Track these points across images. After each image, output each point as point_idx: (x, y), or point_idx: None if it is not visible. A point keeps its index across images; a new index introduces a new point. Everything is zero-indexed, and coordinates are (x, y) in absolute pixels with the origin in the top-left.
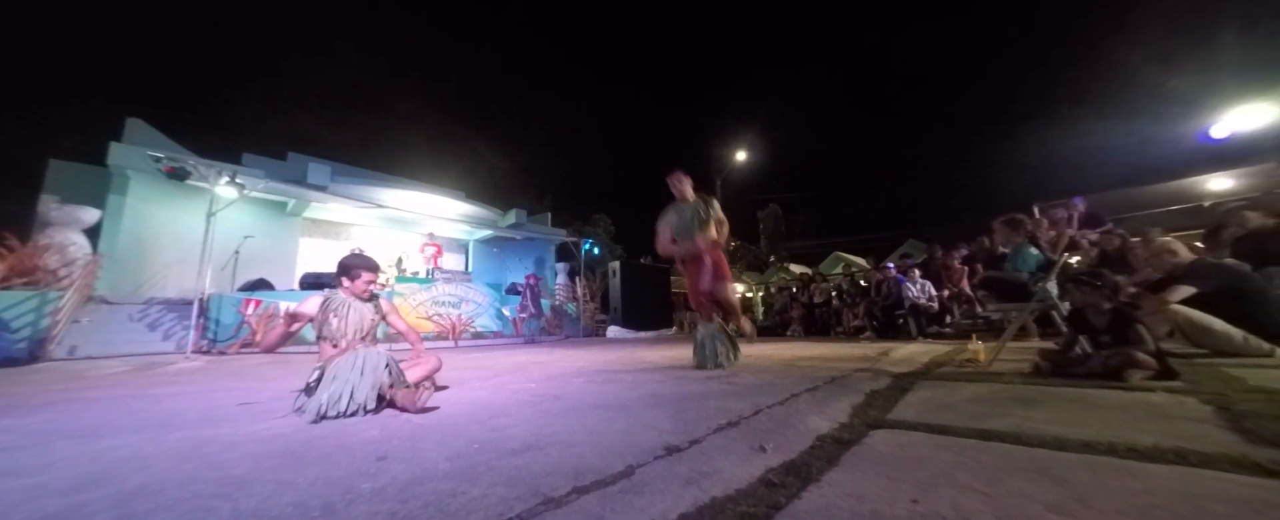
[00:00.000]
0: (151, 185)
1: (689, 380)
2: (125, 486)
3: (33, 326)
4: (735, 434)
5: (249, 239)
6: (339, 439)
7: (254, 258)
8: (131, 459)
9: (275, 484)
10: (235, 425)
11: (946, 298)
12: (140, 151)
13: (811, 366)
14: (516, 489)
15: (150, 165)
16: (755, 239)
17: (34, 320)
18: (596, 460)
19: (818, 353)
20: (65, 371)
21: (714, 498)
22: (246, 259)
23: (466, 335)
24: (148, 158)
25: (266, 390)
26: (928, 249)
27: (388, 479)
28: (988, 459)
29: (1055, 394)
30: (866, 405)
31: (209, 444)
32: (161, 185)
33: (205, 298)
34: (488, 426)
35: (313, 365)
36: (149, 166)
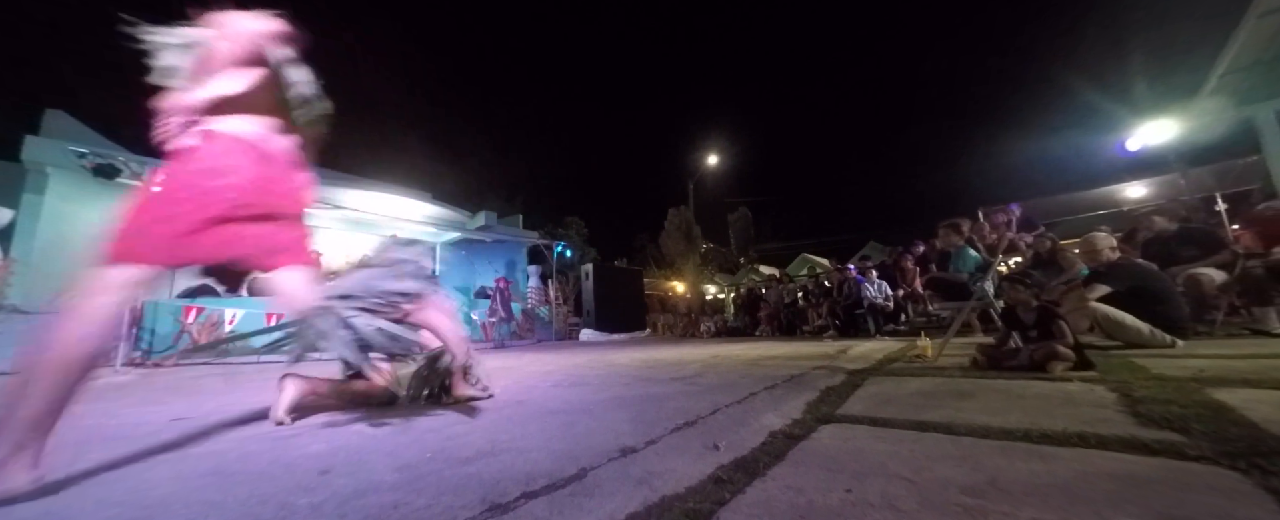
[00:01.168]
0: (74, 184)
1: (655, 382)
2: (28, 514)
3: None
4: (691, 433)
5: None
6: (279, 454)
7: None
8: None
9: (201, 505)
10: (158, 442)
11: (901, 297)
12: (61, 146)
13: (774, 365)
14: (463, 497)
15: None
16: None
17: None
18: (549, 464)
19: (782, 352)
20: None
21: (663, 496)
22: None
23: None
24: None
25: (207, 404)
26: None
27: (328, 493)
28: (920, 449)
29: (988, 386)
30: (820, 401)
31: (132, 463)
32: (87, 184)
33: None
34: (443, 435)
35: None
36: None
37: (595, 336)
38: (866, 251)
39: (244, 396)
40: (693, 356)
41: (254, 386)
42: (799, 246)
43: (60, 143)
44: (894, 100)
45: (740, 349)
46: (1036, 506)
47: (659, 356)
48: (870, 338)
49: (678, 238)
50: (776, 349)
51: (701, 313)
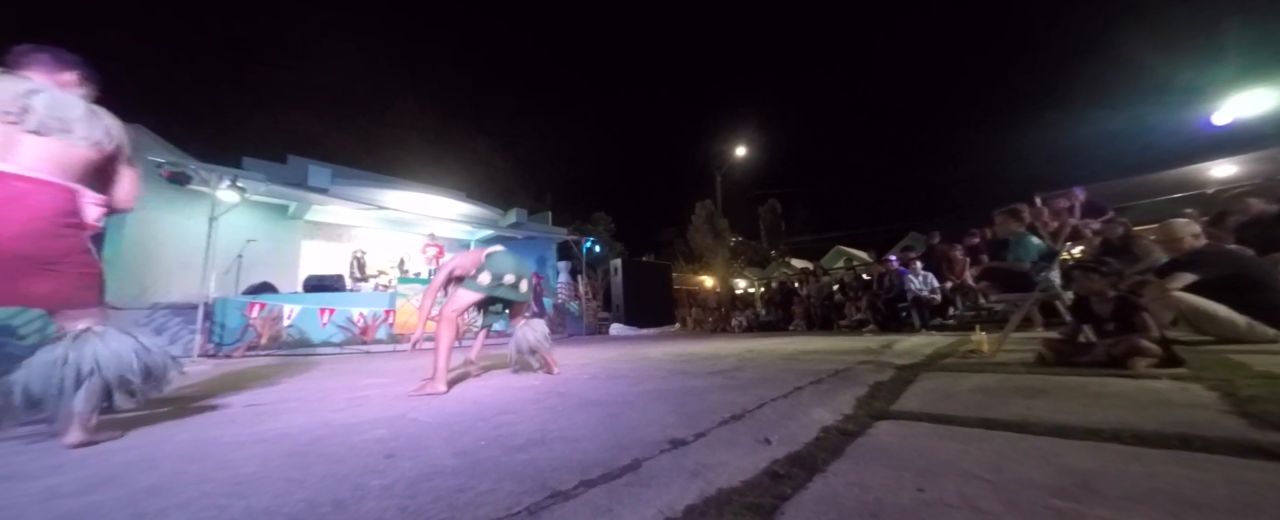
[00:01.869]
0: (153, 191)
1: (692, 376)
2: (135, 486)
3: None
4: (739, 427)
5: (251, 243)
6: (345, 439)
7: (257, 261)
8: (140, 460)
9: (285, 482)
10: (241, 426)
11: (949, 289)
12: (142, 157)
13: (815, 360)
14: (524, 483)
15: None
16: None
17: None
18: (602, 454)
19: (821, 346)
20: None
21: (719, 489)
22: (249, 262)
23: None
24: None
25: (273, 392)
26: (927, 240)
27: (396, 475)
28: (992, 448)
29: (1059, 383)
30: (870, 397)
31: (216, 444)
32: (163, 190)
33: (210, 302)
34: (493, 424)
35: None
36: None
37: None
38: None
39: (305, 385)
40: (727, 351)
41: (311, 376)
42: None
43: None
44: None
45: (775, 343)
46: (1142, 514)
47: (692, 351)
48: (915, 332)
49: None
50: (814, 344)
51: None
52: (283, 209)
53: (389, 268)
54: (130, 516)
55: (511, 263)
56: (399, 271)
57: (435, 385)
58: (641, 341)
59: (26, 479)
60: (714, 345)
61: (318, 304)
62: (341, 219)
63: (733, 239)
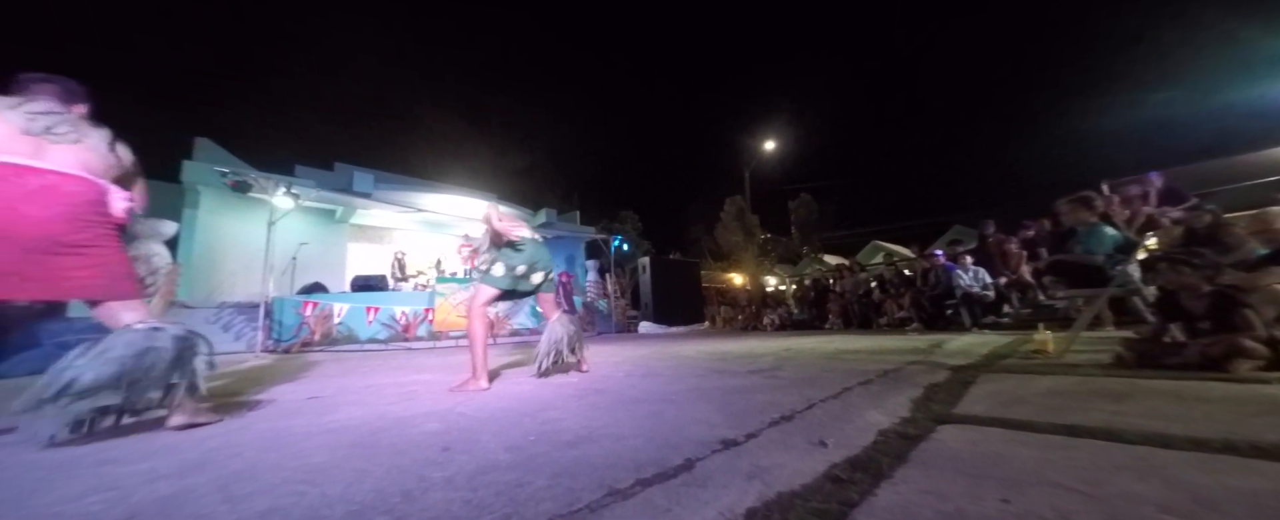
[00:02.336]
0: (218, 198)
1: (731, 374)
2: (223, 472)
3: None
4: (790, 428)
5: (304, 245)
6: (402, 432)
7: (309, 263)
8: (223, 447)
9: (353, 472)
10: (307, 418)
11: (1003, 285)
12: (209, 168)
13: (858, 360)
14: (579, 480)
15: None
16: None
17: None
18: (652, 453)
19: (862, 346)
20: None
21: (779, 493)
22: (302, 264)
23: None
24: (215, 173)
25: (330, 385)
26: (979, 232)
27: (455, 468)
28: (1079, 457)
29: (1147, 387)
30: (927, 399)
31: (288, 434)
32: (227, 198)
33: (269, 301)
34: (539, 419)
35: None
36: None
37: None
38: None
39: (357, 380)
40: (762, 350)
41: (361, 371)
42: (868, 234)
43: (208, 165)
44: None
45: (813, 342)
46: None
47: (726, 349)
48: (965, 331)
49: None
50: (854, 343)
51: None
52: (331, 213)
53: (427, 268)
54: (221, 500)
55: (524, 255)
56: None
57: (477, 383)
58: (671, 340)
59: (129, 462)
60: (747, 344)
61: (364, 303)
62: (383, 222)
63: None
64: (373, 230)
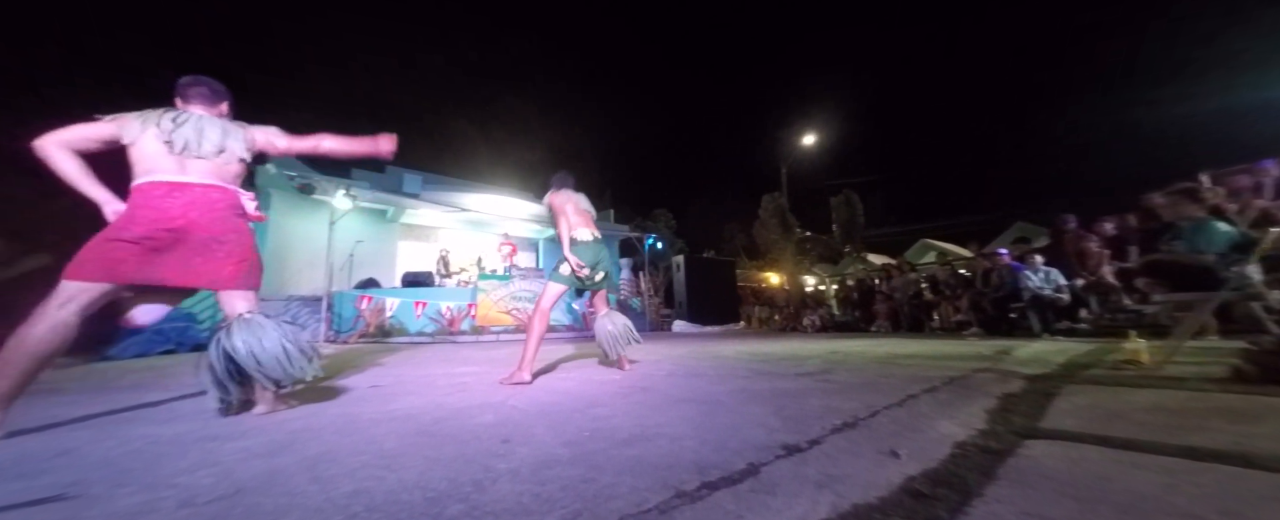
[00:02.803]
0: (287, 200)
1: (778, 376)
2: (307, 453)
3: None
4: (856, 436)
5: (360, 244)
6: (461, 422)
7: (363, 260)
8: (303, 430)
9: (424, 460)
10: (373, 405)
11: (1081, 288)
12: (279, 173)
13: (916, 365)
14: (642, 479)
15: (287, 184)
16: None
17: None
18: (711, 455)
19: (917, 350)
20: None
21: (855, 505)
22: (358, 261)
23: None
24: (284, 177)
25: (388, 375)
26: (1056, 227)
27: (518, 460)
28: (1210, 483)
29: (1275, 405)
30: (1004, 410)
31: (358, 420)
32: (294, 200)
33: (330, 295)
34: (589, 415)
35: None
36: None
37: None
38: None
39: (410, 370)
40: (806, 351)
41: (413, 362)
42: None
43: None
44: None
45: (860, 345)
46: None
47: (767, 350)
48: (1034, 337)
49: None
50: (907, 347)
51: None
52: (382, 213)
53: (469, 264)
54: (310, 479)
55: (590, 252)
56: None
57: (521, 375)
58: (707, 339)
59: (226, 440)
60: (788, 345)
61: (413, 297)
62: (429, 221)
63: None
64: (420, 229)
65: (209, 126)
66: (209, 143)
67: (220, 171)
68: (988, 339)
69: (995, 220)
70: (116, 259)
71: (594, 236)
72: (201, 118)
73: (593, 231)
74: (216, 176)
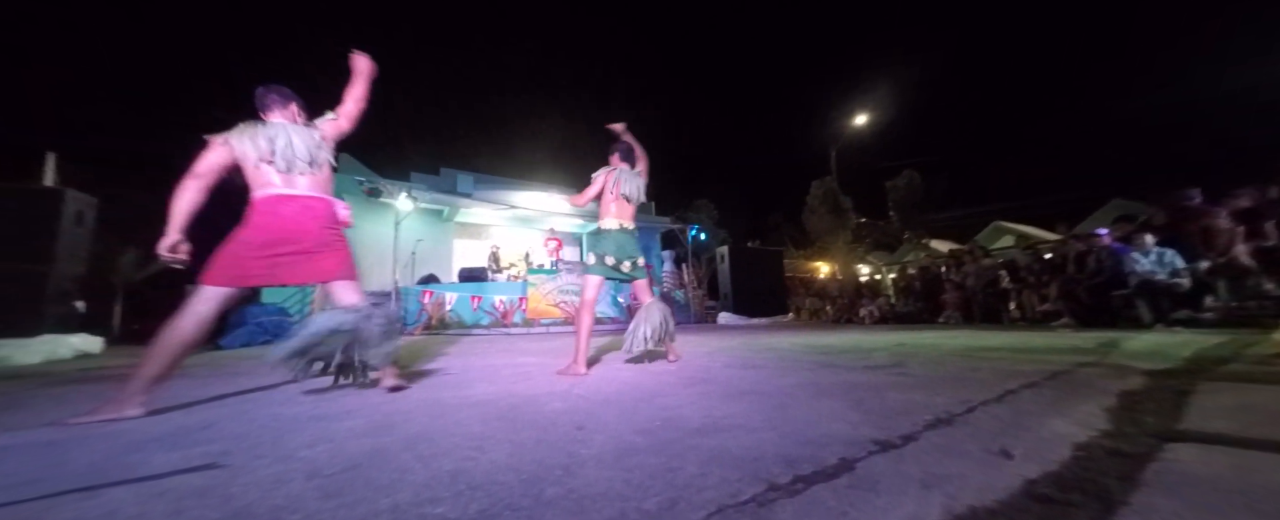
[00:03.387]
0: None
1: (845, 369)
2: (406, 433)
3: (299, 311)
4: (953, 433)
5: (420, 242)
6: (534, 409)
7: (423, 257)
8: (396, 412)
9: (509, 443)
10: (451, 391)
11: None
12: (351, 178)
13: (1002, 359)
14: (731, 470)
15: (356, 188)
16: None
17: (300, 307)
18: (793, 449)
19: (999, 343)
20: None
21: (971, 508)
22: (419, 258)
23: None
24: (355, 182)
25: (454, 364)
26: (1178, 203)
27: (597, 447)
28: None
29: None
30: (1128, 410)
31: (442, 404)
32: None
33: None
34: (655, 405)
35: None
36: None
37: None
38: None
39: (473, 360)
40: (870, 343)
41: (474, 352)
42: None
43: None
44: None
45: (930, 337)
46: None
47: (824, 342)
48: (1144, 328)
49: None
50: (986, 339)
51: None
52: (439, 213)
53: (518, 260)
54: (414, 458)
55: (610, 242)
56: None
57: (577, 368)
58: (756, 332)
59: (333, 420)
60: (846, 337)
61: (470, 292)
62: (481, 219)
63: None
64: (473, 227)
65: (296, 136)
66: (301, 155)
67: (320, 183)
68: (1082, 330)
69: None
70: (245, 266)
71: (619, 225)
72: (287, 127)
73: (619, 220)
74: (318, 188)
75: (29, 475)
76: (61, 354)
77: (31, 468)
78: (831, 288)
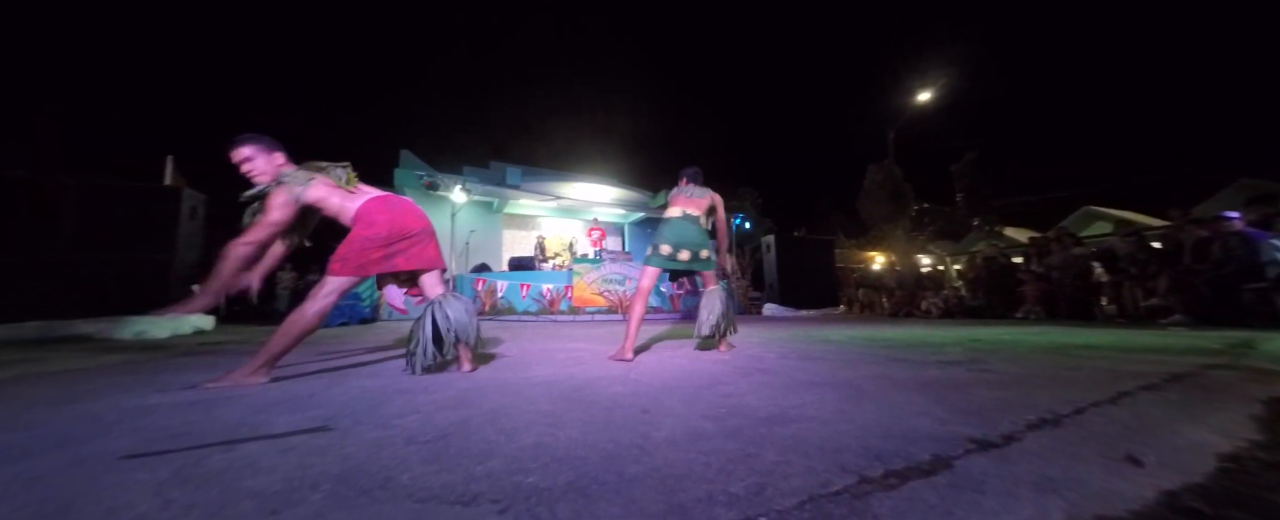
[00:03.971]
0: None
1: (915, 364)
2: (482, 408)
3: (370, 298)
4: (1063, 435)
5: (473, 233)
6: (596, 391)
7: (475, 248)
8: (470, 390)
9: (580, 422)
10: (513, 373)
11: None
12: (411, 173)
13: (1103, 358)
14: (815, 460)
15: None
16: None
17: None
18: (877, 442)
19: (1094, 340)
20: (391, 327)
21: (1099, 517)
22: (471, 248)
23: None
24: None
25: (512, 349)
26: None
27: (668, 430)
28: None
29: None
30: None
31: (510, 384)
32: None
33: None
34: (717, 393)
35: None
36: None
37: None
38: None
39: (527, 345)
40: (939, 338)
41: (526, 338)
42: (1072, 198)
43: (409, 170)
44: None
45: (1009, 333)
46: None
47: (886, 335)
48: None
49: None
50: (1077, 336)
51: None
52: (489, 204)
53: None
54: (496, 431)
55: (670, 231)
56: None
57: (624, 353)
58: (804, 323)
59: (416, 394)
60: (909, 331)
61: (519, 280)
62: (528, 210)
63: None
64: (520, 218)
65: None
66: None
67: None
68: (1199, 329)
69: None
70: (369, 258)
71: (682, 213)
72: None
73: (683, 209)
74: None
75: (179, 429)
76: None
77: (179, 422)
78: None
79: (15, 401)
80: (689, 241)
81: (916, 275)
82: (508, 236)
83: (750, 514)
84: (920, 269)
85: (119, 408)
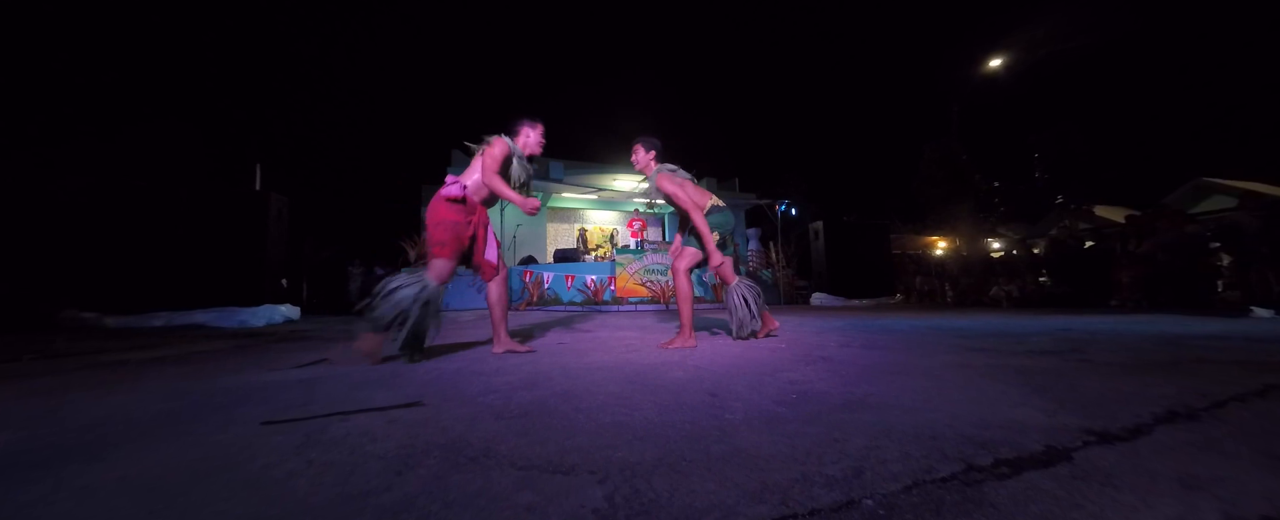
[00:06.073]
0: None
1: (995, 353)
2: (556, 389)
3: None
4: (1202, 430)
5: (520, 226)
6: (659, 376)
7: (523, 239)
8: (538, 372)
9: (652, 404)
10: (572, 358)
11: None
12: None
13: (1235, 349)
14: (911, 447)
15: None
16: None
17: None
18: (975, 431)
19: (1213, 330)
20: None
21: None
22: (519, 241)
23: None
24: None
25: (563, 336)
26: None
27: (742, 413)
28: None
29: None
30: None
31: (573, 368)
32: None
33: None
34: (781, 379)
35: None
36: None
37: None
38: None
39: (578, 333)
40: (1019, 327)
41: (575, 327)
42: (1178, 172)
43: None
44: None
45: (1105, 322)
46: None
47: (954, 324)
48: None
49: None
50: (1190, 326)
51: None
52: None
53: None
54: (573, 410)
55: (716, 220)
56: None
57: (686, 340)
58: (857, 313)
59: (490, 375)
60: (981, 320)
61: (564, 271)
62: (570, 203)
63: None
64: (563, 211)
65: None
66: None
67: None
68: None
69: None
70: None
71: (712, 204)
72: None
73: (711, 200)
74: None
75: (298, 400)
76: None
77: (299, 396)
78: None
79: (163, 377)
80: (727, 228)
81: (986, 260)
82: (551, 230)
83: (854, 496)
84: (991, 253)
85: (247, 383)
